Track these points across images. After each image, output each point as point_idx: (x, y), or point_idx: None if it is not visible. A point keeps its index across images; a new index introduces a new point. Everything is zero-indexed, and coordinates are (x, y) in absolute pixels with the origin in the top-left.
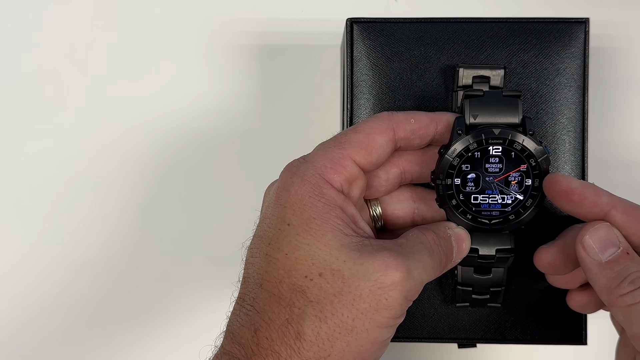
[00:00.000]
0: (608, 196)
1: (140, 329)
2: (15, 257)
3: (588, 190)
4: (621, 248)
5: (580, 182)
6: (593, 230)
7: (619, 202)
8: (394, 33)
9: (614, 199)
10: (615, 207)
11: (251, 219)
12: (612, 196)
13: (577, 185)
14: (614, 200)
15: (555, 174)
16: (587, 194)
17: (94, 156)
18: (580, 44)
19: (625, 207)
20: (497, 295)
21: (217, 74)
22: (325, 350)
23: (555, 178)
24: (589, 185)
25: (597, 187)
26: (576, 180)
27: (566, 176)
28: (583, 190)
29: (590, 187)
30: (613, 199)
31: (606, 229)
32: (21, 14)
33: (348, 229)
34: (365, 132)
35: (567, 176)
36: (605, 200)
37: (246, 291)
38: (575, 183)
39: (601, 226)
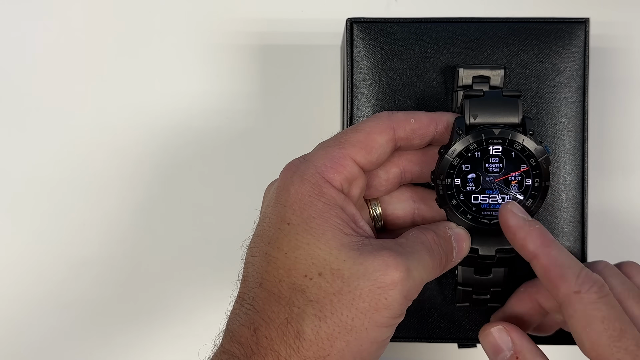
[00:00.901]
0: (535, 245)
1: (140, 328)
2: (14, 257)
3: (520, 231)
4: (510, 352)
5: (520, 221)
6: (484, 336)
7: (543, 254)
8: (394, 33)
9: (540, 250)
10: (536, 258)
11: (251, 218)
12: (541, 246)
13: (514, 223)
14: (538, 252)
15: (505, 206)
16: (519, 235)
17: (93, 156)
18: (580, 44)
19: (547, 262)
20: (497, 296)
21: (217, 73)
22: (325, 350)
23: (501, 210)
24: (525, 226)
25: (532, 230)
26: (517, 217)
27: (511, 210)
28: (515, 231)
29: (522, 229)
30: (538, 250)
31: (497, 333)
32: (21, 14)
33: (348, 228)
34: (366, 132)
35: (512, 210)
36: (531, 249)
37: (246, 290)
38: (513, 220)
39: (492, 331)
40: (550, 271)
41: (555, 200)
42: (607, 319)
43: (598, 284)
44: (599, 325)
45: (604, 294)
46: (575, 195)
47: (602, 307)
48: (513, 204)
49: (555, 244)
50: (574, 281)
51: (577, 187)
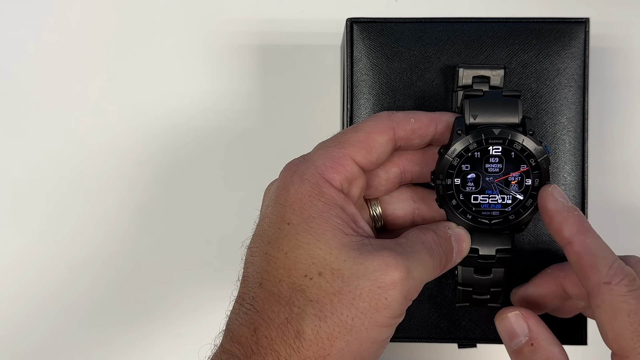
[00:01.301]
0: (570, 231)
1: (140, 328)
2: (15, 257)
3: (558, 216)
4: (526, 338)
5: (559, 205)
6: (500, 320)
7: (578, 241)
8: (394, 33)
9: (575, 237)
10: (571, 245)
11: (251, 218)
12: (577, 233)
13: (553, 207)
14: (573, 238)
15: (546, 189)
16: (556, 219)
17: (94, 156)
18: (580, 44)
19: (581, 249)
20: (497, 296)
21: (217, 73)
22: (325, 350)
23: (542, 192)
24: (564, 211)
25: (569, 216)
26: (557, 202)
27: (552, 194)
28: (552, 215)
29: (561, 214)
30: (574, 237)
31: (513, 318)
32: (21, 14)
33: (348, 228)
34: (365, 132)
35: (553, 194)
36: (566, 235)
37: (246, 290)
38: (552, 204)
39: (508, 316)
40: (582, 259)
41: None
42: (634, 313)
43: (629, 277)
44: (625, 318)
45: (634, 287)
46: (575, 195)
47: (630, 300)
48: (555, 188)
49: (591, 232)
50: (606, 271)
51: (577, 187)
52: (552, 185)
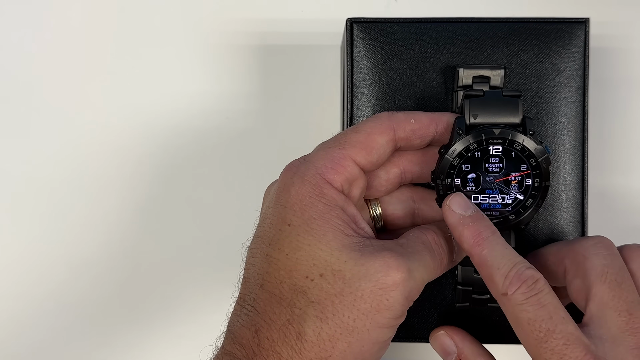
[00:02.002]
0: (468, 244)
1: (141, 329)
2: (15, 257)
3: (455, 230)
4: (455, 354)
5: (455, 219)
6: (433, 340)
7: (475, 254)
8: (394, 33)
9: (472, 249)
10: (471, 257)
11: (251, 219)
12: (473, 245)
13: (450, 221)
14: (471, 251)
15: (445, 201)
16: (455, 234)
17: (93, 156)
18: (580, 44)
19: (478, 261)
20: None
21: (217, 73)
22: (327, 351)
23: (442, 205)
24: (459, 224)
25: (465, 229)
26: (454, 215)
27: (449, 207)
28: (452, 229)
29: (457, 228)
30: (471, 249)
31: (441, 337)
32: (21, 14)
33: (349, 229)
34: (366, 132)
35: (450, 207)
36: (465, 247)
37: (247, 292)
38: (450, 218)
39: (437, 335)
40: (481, 271)
41: (555, 200)
42: (533, 320)
43: (527, 283)
44: (526, 327)
45: (532, 292)
46: (575, 195)
47: (528, 308)
48: (453, 198)
49: (488, 241)
50: (501, 282)
51: (577, 187)
52: (452, 196)
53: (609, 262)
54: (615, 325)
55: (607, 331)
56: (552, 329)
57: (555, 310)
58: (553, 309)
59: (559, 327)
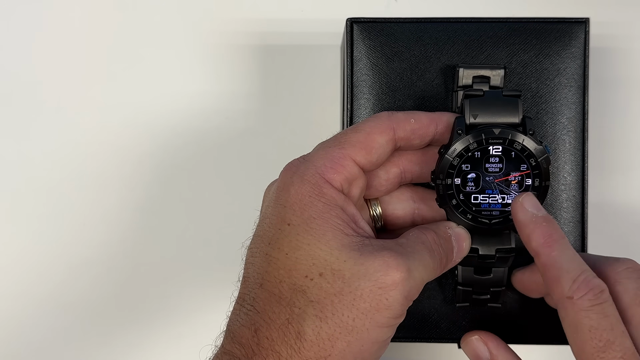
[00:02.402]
0: (537, 243)
1: (140, 328)
2: (15, 257)
3: (526, 227)
4: None
5: (527, 216)
6: (465, 344)
7: (543, 254)
8: (394, 33)
9: (542, 249)
10: (538, 256)
11: (251, 219)
12: (543, 245)
13: (521, 218)
14: (540, 250)
15: (517, 198)
16: (524, 231)
17: (93, 156)
18: (580, 44)
19: (546, 262)
20: (497, 296)
21: (216, 73)
22: (326, 350)
23: (513, 202)
24: (531, 222)
25: (536, 228)
26: (526, 212)
27: (522, 204)
28: (521, 226)
29: (528, 225)
30: (540, 249)
31: (475, 342)
32: (20, 14)
33: (348, 228)
34: (366, 132)
35: (523, 204)
36: (533, 246)
37: (246, 291)
38: (521, 215)
39: (471, 340)
40: (548, 271)
41: (555, 200)
42: (595, 329)
43: (594, 291)
44: (586, 334)
45: (598, 301)
46: (575, 195)
47: (592, 315)
48: (526, 197)
49: (559, 243)
50: (568, 286)
51: (577, 187)
52: (525, 194)
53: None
54: None
55: None
56: (612, 340)
57: (616, 323)
58: (615, 321)
59: (618, 339)
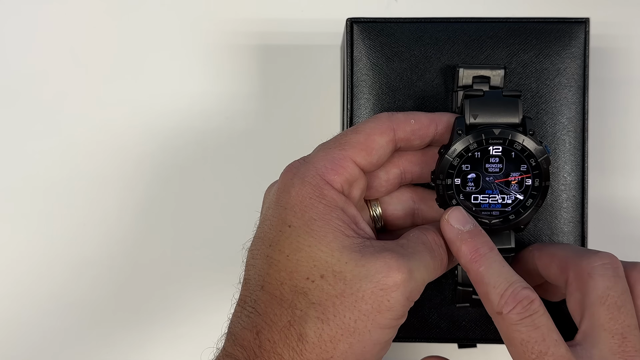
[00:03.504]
0: (465, 259)
1: (141, 329)
2: (15, 257)
3: (453, 245)
4: None
5: (453, 234)
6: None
7: (471, 270)
8: (394, 33)
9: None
10: (468, 273)
11: (251, 220)
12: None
13: (448, 236)
14: (468, 267)
15: (443, 215)
16: (452, 248)
17: (93, 156)
18: (580, 44)
19: (474, 278)
20: None
21: (216, 73)
22: (328, 352)
23: (441, 219)
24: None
25: (462, 245)
26: (452, 230)
27: (448, 222)
28: (449, 244)
29: (454, 243)
30: (467, 265)
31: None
32: (19, 13)
33: (349, 230)
34: (366, 133)
35: (449, 222)
36: (462, 263)
37: (247, 293)
38: (448, 233)
39: None
40: (478, 287)
41: (555, 200)
42: (527, 342)
43: (523, 304)
44: (519, 347)
45: (527, 314)
46: (575, 195)
47: (522, 329)
48: (452, 213)
49: (485, 258)
50: (497, 301)
51: (577, 187)
52: (451, 210)
53: (612, 284)
54: (607, 347)
55: (598, 352)
56: (544, 351)
57: (548, 333)
58: (547, 331)
59: (551, 349)
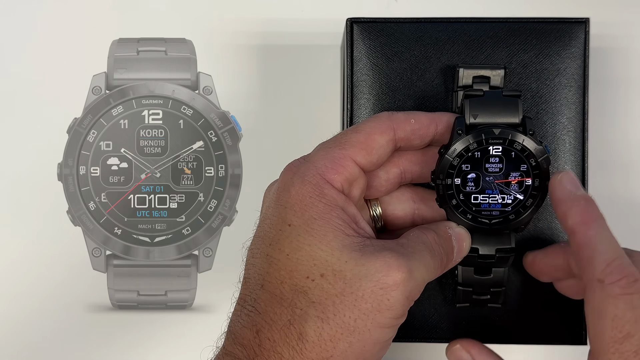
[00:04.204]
0: (574, 221)
1: (141, 329)
2: (15, 257)
3: (562, 205)
4: None
5: (565, 194)
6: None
7: (580, 232)
8: (394, 33)
9: (578, 227)
10: (573, 234)
11: (251, 219)
12: (580, 223)
13: (559, 195)
14: (576, 229)
15: (556, 176)
16: (560, 208)
17: None
18: (580, 44)
19: (581, 241)
20: (497, 296)
21: (217, 74)
22: (328, 351)
23: (552, 179)
24: (568, 200)
25: (574, 206)
26: (564, 190)
27: (560, 181)
28: (557, 203)
29: (565, 203)
30: (576, 227)
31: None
32: (19, 13)
33: (349, 229)
34: (366, 132)
35: (561, 182)
36: (569, 224)
37: (247, 292)
38: (558, 192)
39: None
40: (581, 251)
41: None
42: (619, 319)
43: (628, 279)
44: (608, 322)
45: (629, 291)
46: None
47: (619, 304)
48: (565, 175)
49: (597, 223)
50: (601, 268)
51: None
52: (563, 172)
53: None
54: None
55: None
56: (632, 333)
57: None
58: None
59: (638, 334)
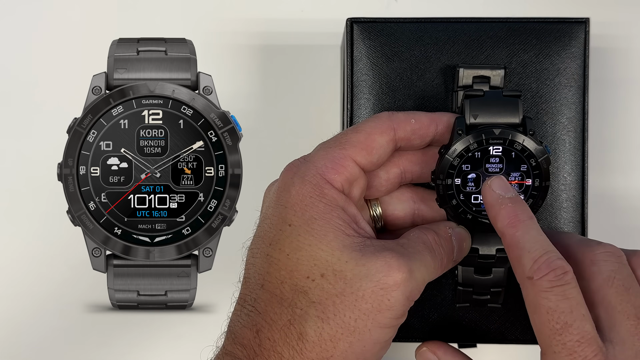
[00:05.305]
0: (502, 224)
1: (141, 328)
2: (15, 257)
3: (492, 209)
4: None
5: (493, 198)
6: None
7: (507, 234)
8: (394, 33)
9: (506, 229)
10: (503, 237)
11: (251, 219)
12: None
13: (488, 199)
14: (504, 231)
15: (486, 182)
16: (490, 212)
17: None
18: (580, 44)
19: (509, 242)
20: (497, 296)
21: (217, 74)
22: (328, 351)
23: (483, 185)
24: (497, 204)
25: (502, 209)
26: (492, 194)
27: (490, 186)
28: (487, 207)
29: (494, 207)
30: (504, 229)
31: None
32: (19, 12)
33: (349, 229)
34: (366, 132)
35: (491, 187)
36: (498, 227)
37: (247, 292)
38: (487, 197)
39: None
40: (511, 252)
41: (555, 200)
42: (553, 310)
43: (556, 272)
44: (544, 315)
45: (559, 283)
46: (575, 196)
47: (551, 297)
48: (495, 179)
49: (524, 224)
50: (529, 266)
51: (577, 187)
52: (494, 177)
53: (617, 268)
54: (625, 329)
55: (616, 335)
56: (569, 323)
57: (577, 306)
58: (575, 304)
59: (577, 322)
